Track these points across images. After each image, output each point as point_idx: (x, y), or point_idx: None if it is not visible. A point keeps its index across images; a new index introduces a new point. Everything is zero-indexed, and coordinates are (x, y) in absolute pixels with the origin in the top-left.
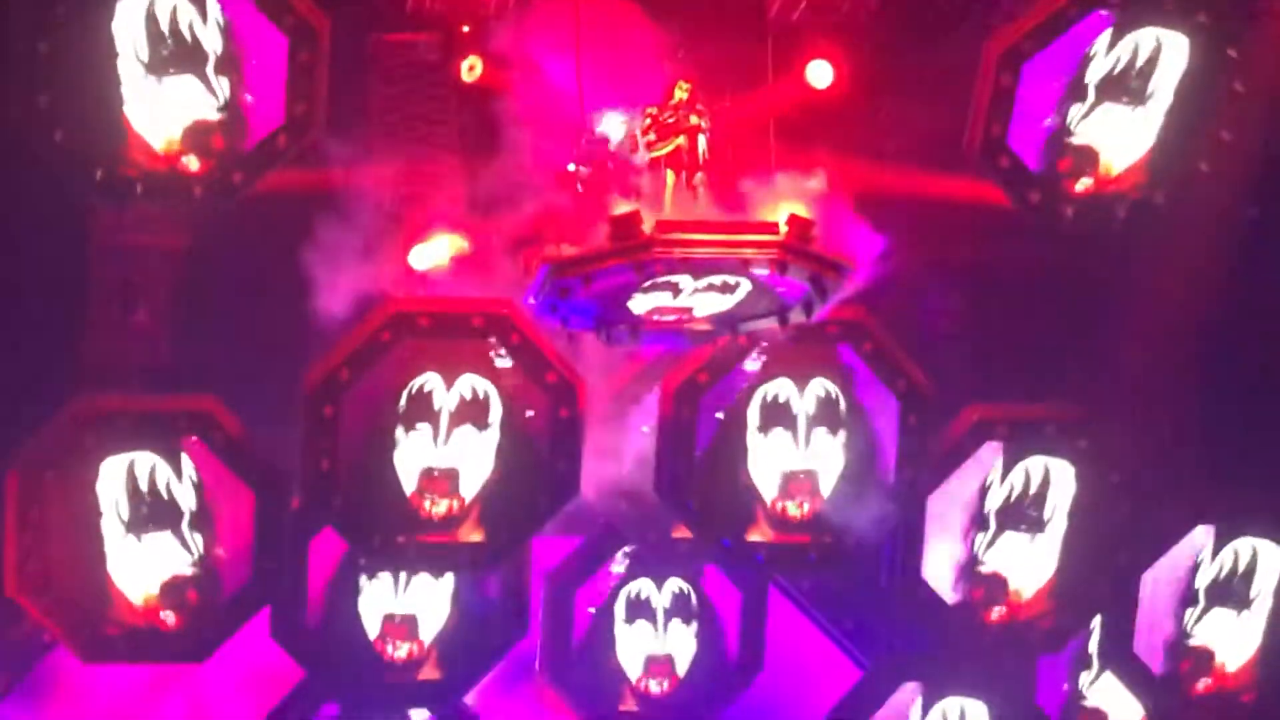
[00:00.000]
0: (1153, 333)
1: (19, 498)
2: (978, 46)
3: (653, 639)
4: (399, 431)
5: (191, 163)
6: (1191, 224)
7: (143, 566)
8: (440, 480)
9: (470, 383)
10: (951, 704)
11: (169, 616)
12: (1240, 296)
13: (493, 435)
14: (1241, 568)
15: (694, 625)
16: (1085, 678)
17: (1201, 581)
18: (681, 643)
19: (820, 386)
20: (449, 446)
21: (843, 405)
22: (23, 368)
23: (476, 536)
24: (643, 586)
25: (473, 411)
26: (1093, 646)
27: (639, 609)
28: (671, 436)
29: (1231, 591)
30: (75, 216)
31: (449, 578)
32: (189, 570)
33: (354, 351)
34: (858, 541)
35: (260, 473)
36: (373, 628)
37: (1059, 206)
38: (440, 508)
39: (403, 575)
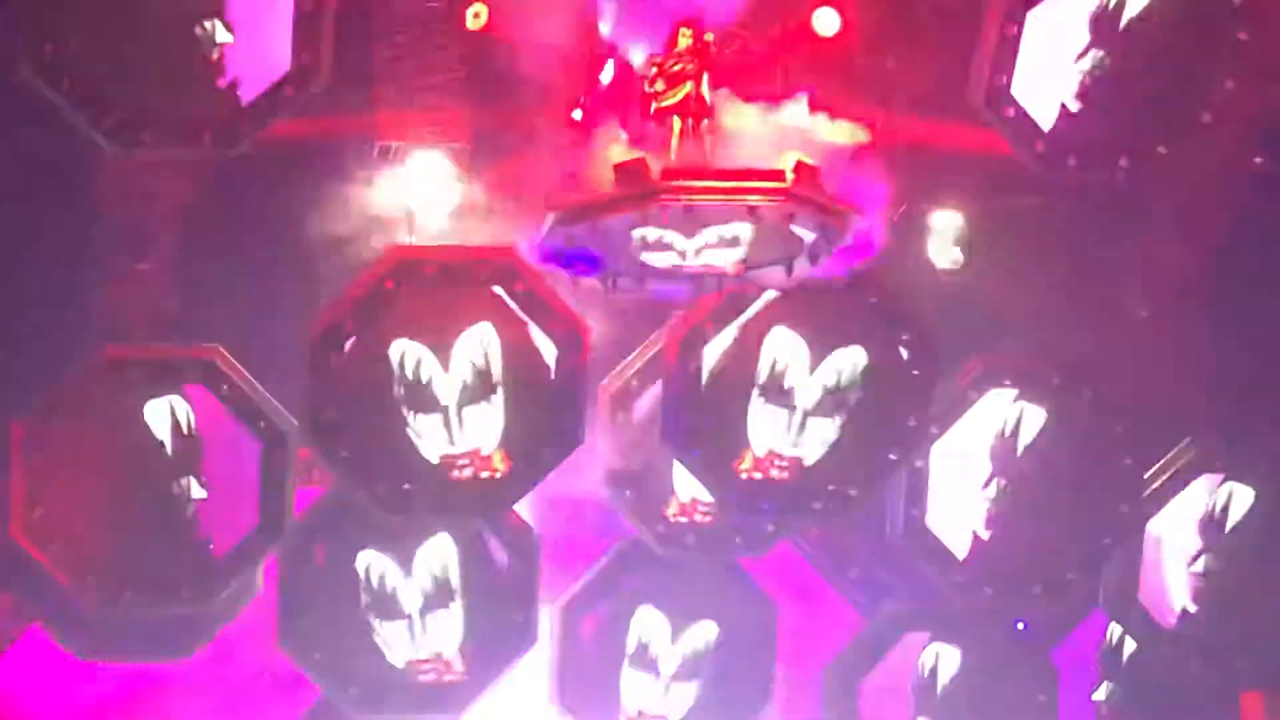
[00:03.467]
0: (1158, 282)
1: (25, 445)
2: None
3: (651, 694)
4: (406, 412)
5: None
6: (1195, 174)
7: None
8: (466, 458)
9: (469, 355)
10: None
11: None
12: (1245, 246)
13: (500, 396)
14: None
15: (699, 681)
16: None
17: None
18: (682, 701)
19: (833, 368)
20: (464, 431)
21: (856, 384)
22: (30, 316)
23: (481, 483)
24: (655, 631)
25: (477, 389)
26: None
27: (645, 660)
28: (678, 387)
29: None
30: (83, 165)
31: (458, 606)
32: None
33: (359, 300)
34: (863, 491)
35: (266, 422)
36: (398, 664)
37: (1063, 156)
38: (465, 472)
39: (416, 621)
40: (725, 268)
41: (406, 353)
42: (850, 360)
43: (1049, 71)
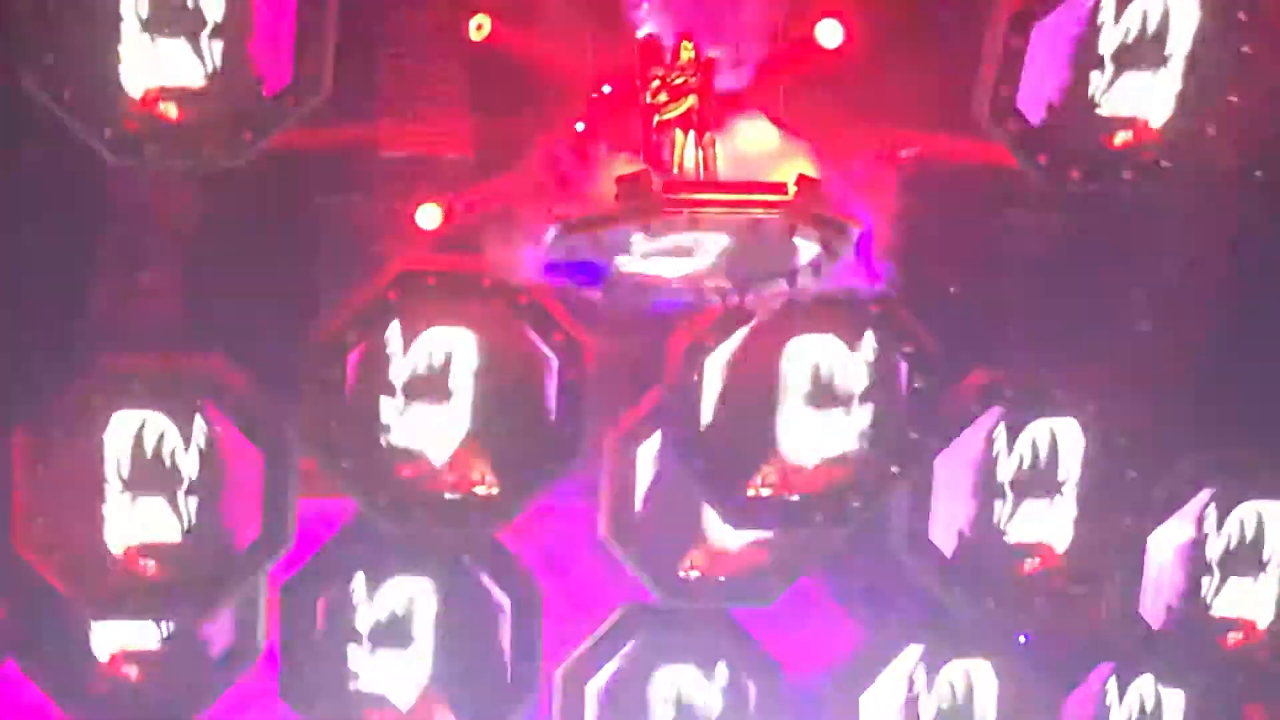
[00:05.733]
0: (1161, 294)
1: (26, 455)
2: (989, 7)
3: None
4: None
5: (170, 110)
6: (1198, 187)
7: (130, 528)
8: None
9: (428, 348)
10: (957, 668)
11: (149, 565)
12: (1247, 260)
13: (456, 403)
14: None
15: None
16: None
17: (1212, 553)
18: None
19: (861, 361)
20: (406, 421)
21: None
22: (31, 326)
23: (484, 494)
24: (682, 682)
25: (430, 384)
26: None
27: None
28: (679, 398)
29: (1244, 559)
30: (83, 175)
31: (426, 653)
32: (177, 538)
33: (361, 311)
34: (865, 504)
35: (268, 432)
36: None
37: (1066, 169)
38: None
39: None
40: (721, 274)
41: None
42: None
43: (1053, 84)
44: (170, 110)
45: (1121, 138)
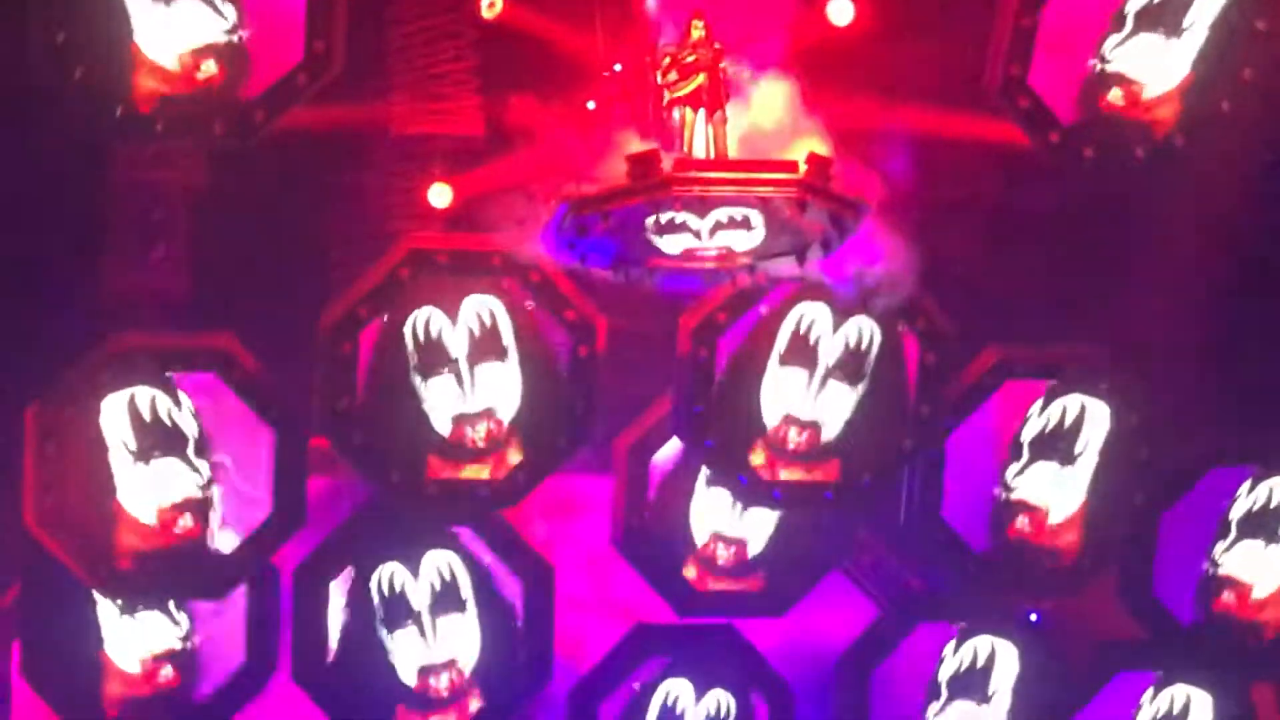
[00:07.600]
0: (1174, 272)
1: (37, 432)
2: None
3: None
4: (417, 380)
5: (210, 67)
6: (1212, 163)
7: (153, 492)
8: (477, 419)
9: (475, 309)
10: (982, 642)
11: (187, 520)
12: (1260, 237)
13: (513, 362)
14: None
15: None
16: None
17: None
18: None
19: (855, 327)
20: (475, 390)
21: (873, 352)
22: (42, 303)
23: (498, 474)
24: (681, 692)
25: (487, 343)
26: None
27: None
28: (689, 377)
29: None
30: (95, 154)
31: (473, 619)
32: (199, 493)
33: (372, 289)
34: (876, 480)
35: (279, 410)
36: (410, 678)
37: (1079, 147)
38: (480, 432)
39: (427, 624)
40: (739, 250)
41: (417, 318)
42: (869, 326)
43: (1065, 62)
44: (210, 68)
45: (1134, 115)
